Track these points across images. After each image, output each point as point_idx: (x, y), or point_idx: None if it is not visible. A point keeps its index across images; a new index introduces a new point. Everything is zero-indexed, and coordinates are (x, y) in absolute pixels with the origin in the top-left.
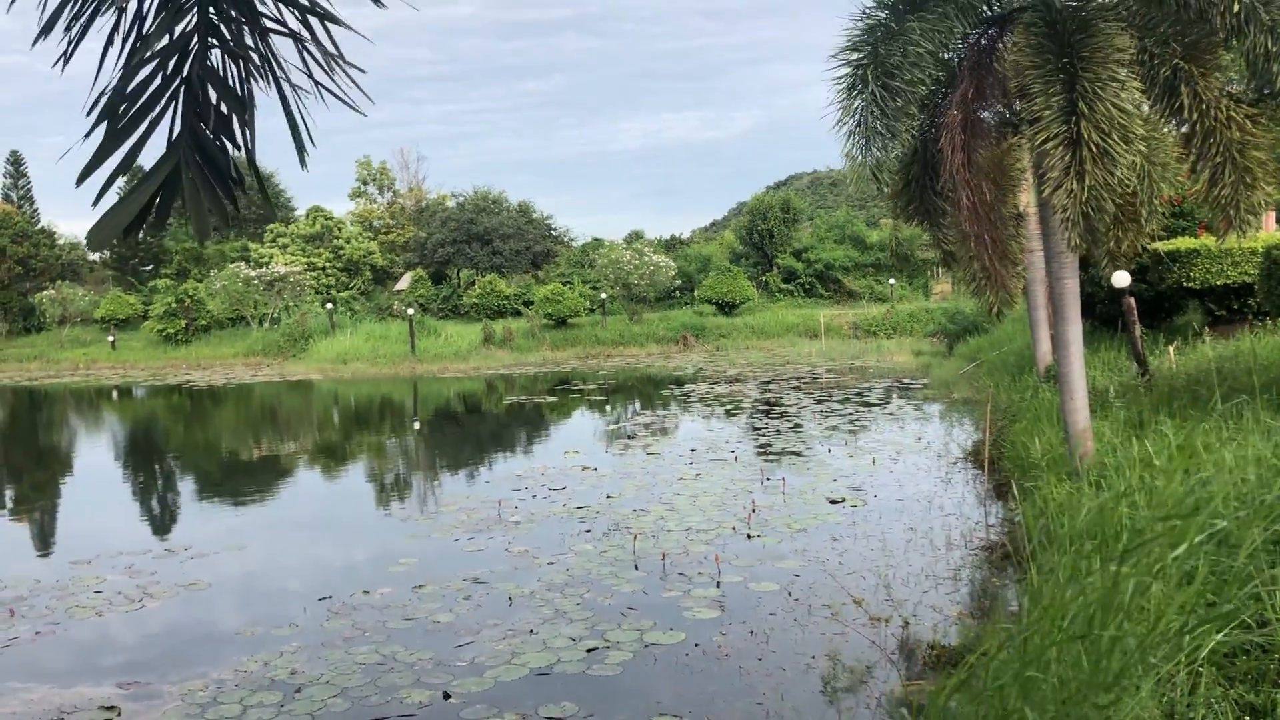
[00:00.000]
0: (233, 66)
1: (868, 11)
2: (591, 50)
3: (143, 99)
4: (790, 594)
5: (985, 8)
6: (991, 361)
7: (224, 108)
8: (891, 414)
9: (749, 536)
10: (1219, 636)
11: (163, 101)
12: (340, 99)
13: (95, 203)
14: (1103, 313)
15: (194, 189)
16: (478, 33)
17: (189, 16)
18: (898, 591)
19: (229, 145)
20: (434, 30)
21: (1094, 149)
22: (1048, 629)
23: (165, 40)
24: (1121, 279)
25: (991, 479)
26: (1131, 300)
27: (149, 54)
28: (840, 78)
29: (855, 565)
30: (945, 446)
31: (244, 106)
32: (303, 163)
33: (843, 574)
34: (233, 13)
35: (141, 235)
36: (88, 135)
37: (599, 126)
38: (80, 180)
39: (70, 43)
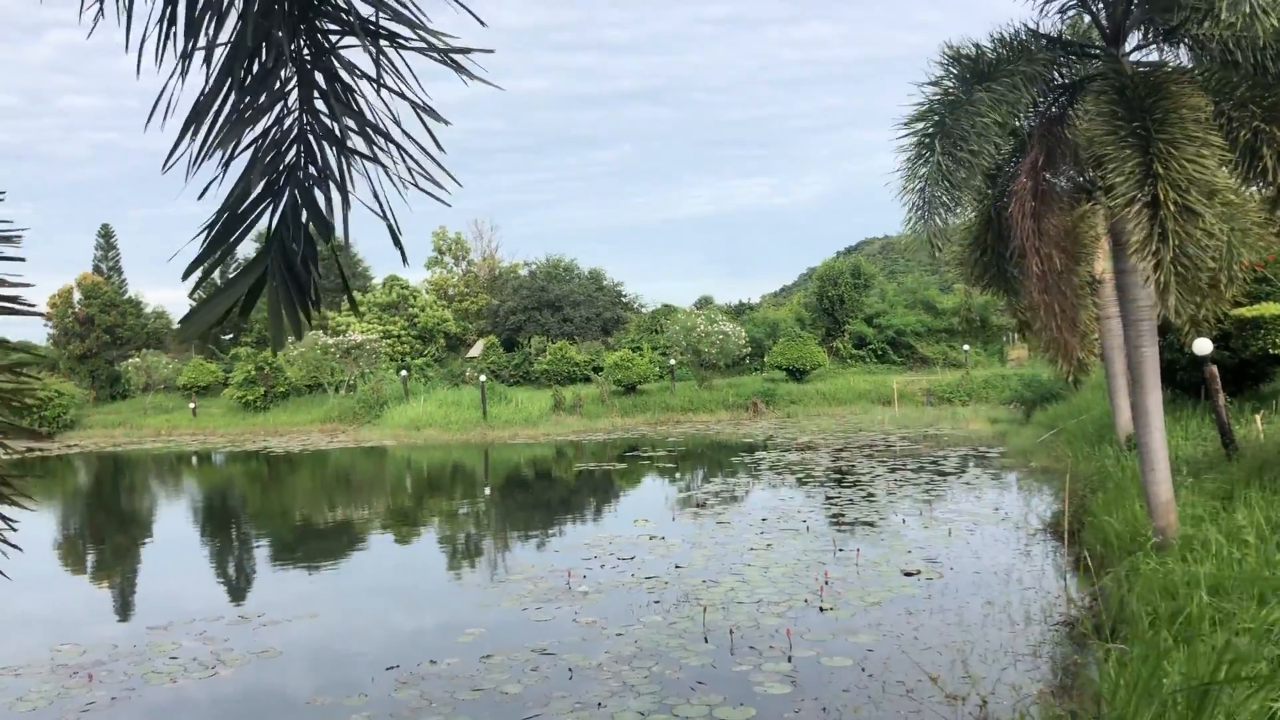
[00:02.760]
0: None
1: (936, 79)
2: (660, 120)
3: (245, 204)
4: (864, 670)
5: (1055, 75)
6: (1070, 430)
7: (313, 228)
8: (967, 483)
9: (821, 609)
10: None
11: (260, 208)
12: (430, 195)
13: (191, 294)
14: (1184, 380)
15: (276, 305)
16: (550, 105)
17: (294, 124)
18: (975, 668)
19: (314, 270)
20: (508, 103)
21: (1174, 207)
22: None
23: (271, 155)
24: (1203, 346)
25: (1072, 551)
26: (1214, 368)
27: (257, 171)
28: (906, 146)
29: (931, 640)
30: (1024, 517)
31: (330, 231)
32: (404, 259)
33: (918, 649)
34: (333, 124)
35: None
36: (205, 240)
37: (668, 193)
38: (185, 276)
39: (191, 159)
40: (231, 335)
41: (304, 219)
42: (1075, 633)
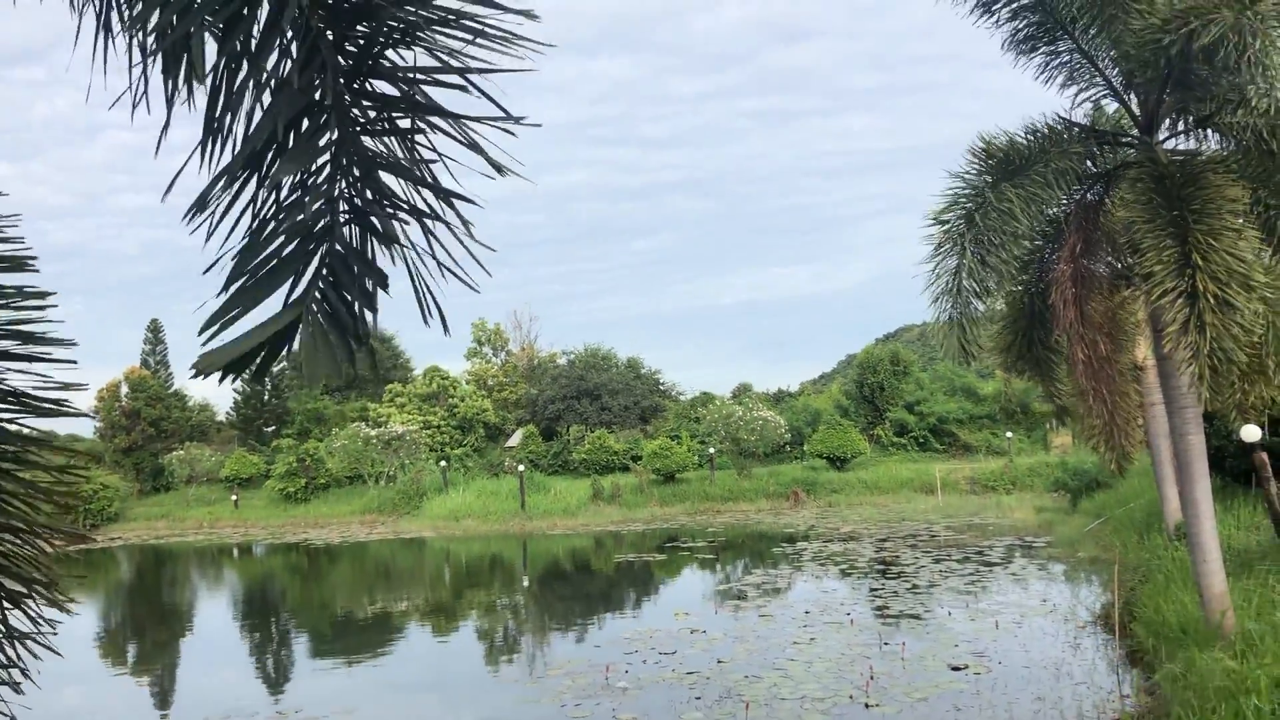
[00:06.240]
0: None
1: (963, 172)
2: (700, 209)
3: (271, 265)
4: None
5: (1090, 164)
6: (1117, 518)
7: (368, 282)
8: (1014, 574)
9: (867, 705)
10: None
11: (293, 268)
12: (461, 279)
13: (204, 345)
14: (1234, 468)
15: (311, 343)
16: (590, 197)
17: (324, 194)
18: None
19: (368, 313)
20: (548, 197)
21: (1213, 300)
22: None
23: (299, 216)
24: (1251, 433)
25: (1124, 644)
26: (1264, 455)
27: (282, 229)
28: (932, 236)
29: None
30: (1072, 609)
31: (385, 280)
32: (428, 323)
33: None
34: (367, 196)
35: (244, 383)
36: (220, 294)
37: (707, 281)
38: (201, 332)
39: (217, 218)
40: (274, 427)
41: (354, 269)
42: None
